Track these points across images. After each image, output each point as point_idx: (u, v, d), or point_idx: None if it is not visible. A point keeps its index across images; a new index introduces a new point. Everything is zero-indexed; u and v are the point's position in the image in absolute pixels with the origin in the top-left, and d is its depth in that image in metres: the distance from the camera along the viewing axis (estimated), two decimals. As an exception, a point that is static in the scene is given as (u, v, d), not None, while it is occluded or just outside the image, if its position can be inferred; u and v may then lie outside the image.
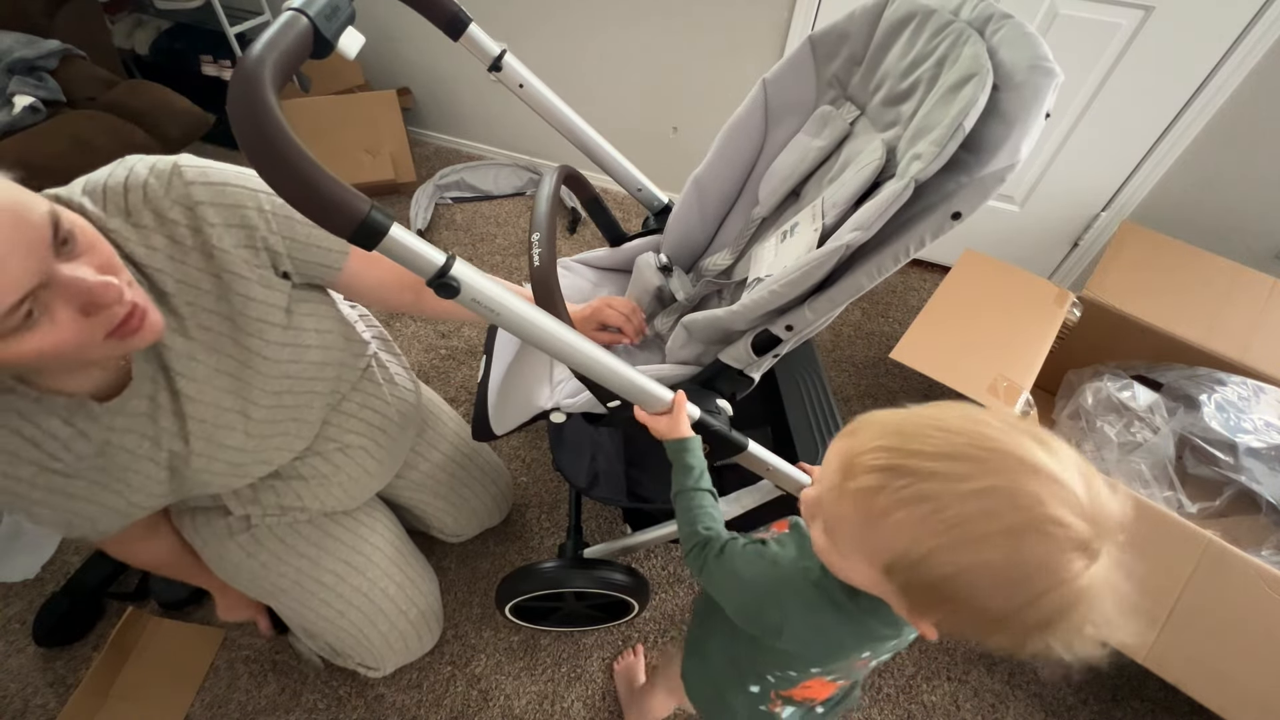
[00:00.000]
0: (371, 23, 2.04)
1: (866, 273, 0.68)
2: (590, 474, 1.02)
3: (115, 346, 0.56)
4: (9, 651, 1.18)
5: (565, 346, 0.64)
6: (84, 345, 0.52)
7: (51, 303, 0.49)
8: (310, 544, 0.93)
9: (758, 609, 0.61)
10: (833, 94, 0.89)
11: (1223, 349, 1.23)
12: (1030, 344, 1.20)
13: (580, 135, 0.94)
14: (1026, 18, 1.38)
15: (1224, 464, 1.12)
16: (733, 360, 0.79)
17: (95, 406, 0.63)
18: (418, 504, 1.13)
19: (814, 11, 1.56)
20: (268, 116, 0.41)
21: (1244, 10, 1.25)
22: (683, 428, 0.73)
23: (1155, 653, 0.94)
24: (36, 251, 0.47)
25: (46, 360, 0.52)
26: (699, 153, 0.97)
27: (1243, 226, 1.50)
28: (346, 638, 0.98)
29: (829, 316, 0.74)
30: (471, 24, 0.79)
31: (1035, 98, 0.60)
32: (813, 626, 0.58)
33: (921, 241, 0.66)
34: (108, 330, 0.53)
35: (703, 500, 0.70)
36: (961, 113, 0.60)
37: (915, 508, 0.42)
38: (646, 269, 0.99)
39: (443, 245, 1.96)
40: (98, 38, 1.91)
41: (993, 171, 0.61)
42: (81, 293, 0.50)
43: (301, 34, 0.48)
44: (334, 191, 0.43)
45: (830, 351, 1.71)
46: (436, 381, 1.62)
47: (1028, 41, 0.62)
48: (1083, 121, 1.50)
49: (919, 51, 0.74)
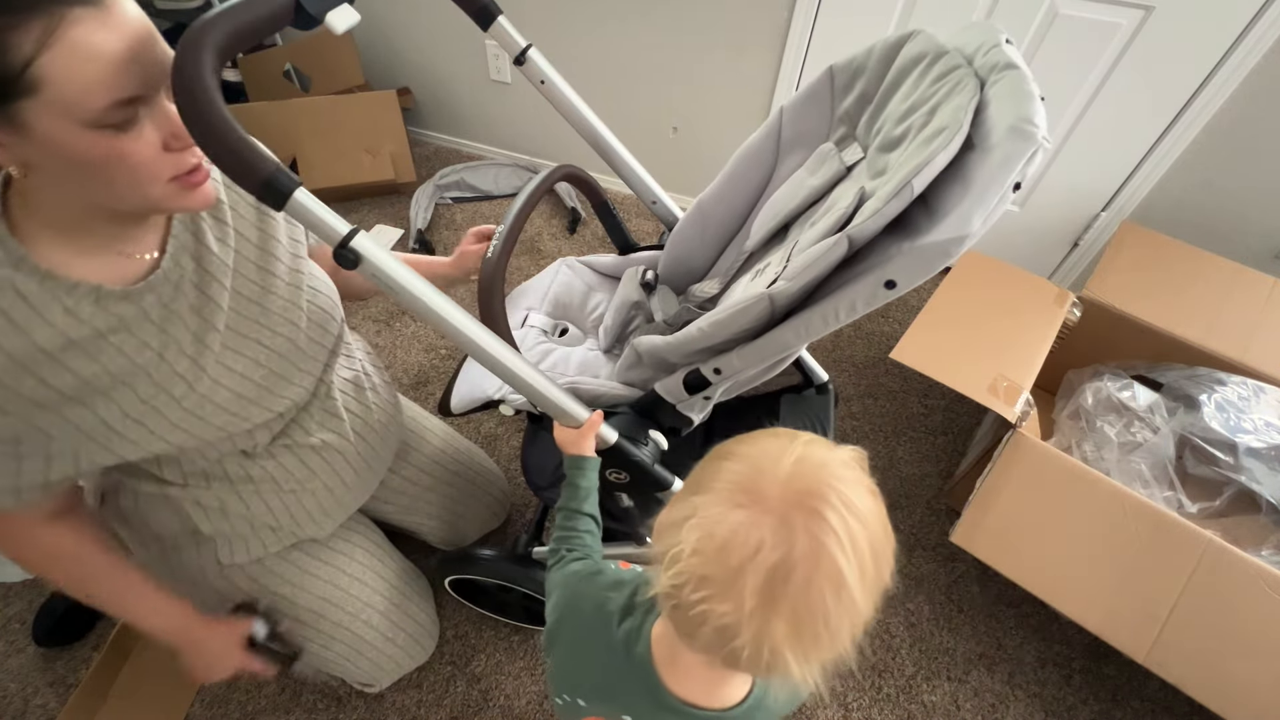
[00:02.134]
0: (372, 23, 2.04)
1: (794, 330, 0.64)
2: (553, 477, 0.97)
3: (174, 194, 0.58)
4: (9, 651, 1.18)
5: (465, 337, 0.65)
6: (154, 176, 0.56)
7: (147, 123, 0.54)
8: (284, 581, 0.89)
9: (552, 608, 0.62)
10: (842, 131, 0.84)
11: (1223, 349, 1.23)
12: (1030, 344, 1.20)
13: (598, 138, 0.92)
14: (1026, 18, 1.40)
15: (1224, 464, 1.12)
16: (665, 392, 0.76)
17: (106, 290, 0.60)
18: (411, 525, 1.12)
19: (814, 11, 1.56)
20: (199, 81, 0.47)
21: (1244, 10, 1.25)
22: (586, 447, 0.73)
23: (1155, 653, 0.94)
24: (162, 67, 0.53)
25: (121, 176, 0.54)
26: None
27: (1243, 226, 1.50)
28: (334, 666, 0.97)
29: (761, 368, 0.71)
30: (500, 16, 0.78)
31: (1004, 165, 0.52)
32: (574, 641, 0.60)
33: (853, 308, 0.60)
34: (175, 173, 0.57)
35: (577, 523, 0.70)
36: (914, 170, 0.54)
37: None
38: (629, 282, 0.98)
39: (443, 245, 1.97)
40: (98, 38, 1.91)
41: (936, 241, 0.54)
42: (173, 123, 0.54)
43: (278, 2, 0.53)
44: (244, 152, 0.49)
45: (830, 351, 1.71)
46: (437, 382, 1.62)
47: (1018, 100, 0.55)
48: (1083, 121, 1.50)
49: (919, 96, 0.67)
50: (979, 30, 0.67)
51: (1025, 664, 1.21)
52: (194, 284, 0.66)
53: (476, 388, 0.92)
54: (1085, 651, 1.22)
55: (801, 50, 1.64)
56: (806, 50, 1.64)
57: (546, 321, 1.03)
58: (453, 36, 1.99)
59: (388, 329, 1.74)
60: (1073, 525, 1.02)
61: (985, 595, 1.27)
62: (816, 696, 1.16)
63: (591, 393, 0.85)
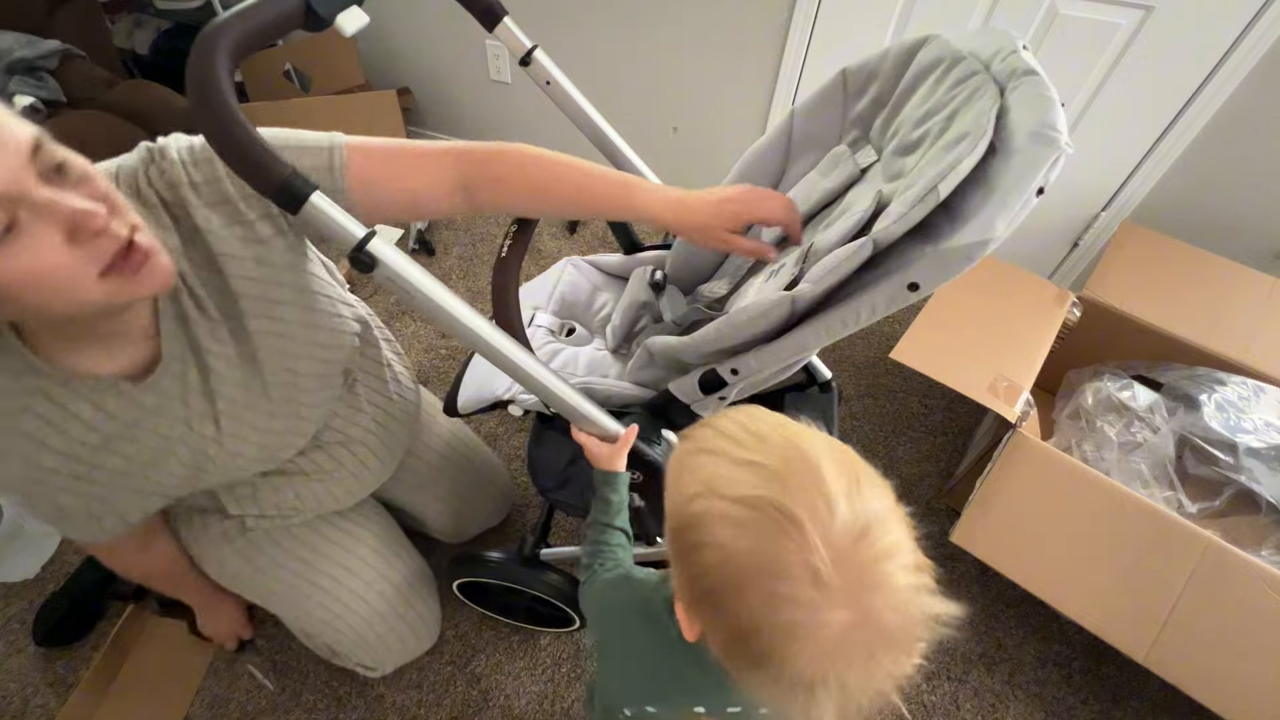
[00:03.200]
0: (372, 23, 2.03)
1: (814, 332, 0.64)
2: (561, 478, 0.97)
3: (118, 289, 0.52)
4: (9, 651, 1.18)
5: (484, 342, 0.63)
6: (75, 280, 0.50)
7: (33, 224, 0.47)
8: (306, 547, 0.92)
9: (592, 626, 0.62)
10: (855, 134, 0.83)
11: (1223, 349, 1.23)
12: (1030, 344, 1.20)
13: (604, 139, 0.92)
14: (1026, 18, 1.40)
15: (1224, 464, 1.11)
16: (680, 393, 0.76)
17: (125, 384, 0.62)
18: (415, 505, 1.13)
19: (814, 12, 1.56)
20: (214, 84, 0.46)
21: (1244, 10, 1.25)
22: (620, 463, 0.72)
23: (1155, 653, 0.94)
24: (6, 160, 0.45)
25: (39, 293, 0.49)
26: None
27: (1243, 226, 1.50)
28: (344, 639, 0.98)
29: (777, 369, 0.70)
30: (506, 16, 0.78)
31: (1028, 170, 0.52)
32: (626, 650, 0.59)
33: (874, 310, 0.60)
34: (101, 266, 0.50)
35: (610, 537, 0.70)
36: (939, 175, 0.55)
37: (694, 465, 0.44)
38: (637, 282, 0.98)
39: (444, 245, 1.97)
40: (98, 38, 1.91)
41: (959, 245, 0.54)
42: (60, 214, 0.47)
43: (289, 4, 0.52)
44: (261, 156, 0.48)
45: (830, 351, 1.71)
46: (436, 382, 1.62)
47: (1040, 104, 0.55)
48: (1083, 121, 1.50)
49: (936, 101, 0.67)
50: (994, 35, 0.67)
51: (1025, 664, 1.21)
52: (194, 364, 0.67)
53: (485, 388, 0.92)
54: (1085, 651, 1.22)
55: (802, 50, 1.64)
56: (806, 50, 1.64)
57: (554, 321, 1.03)
58: (453, 36, 1.99)
59: (388, 329, 1.74)
60: (1073, 525, 1.02)
61: (985, 595, 1.27)
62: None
63: (603, 393, 0.85)
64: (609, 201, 0.73)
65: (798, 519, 0.38)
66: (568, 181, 0.72)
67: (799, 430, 0.44)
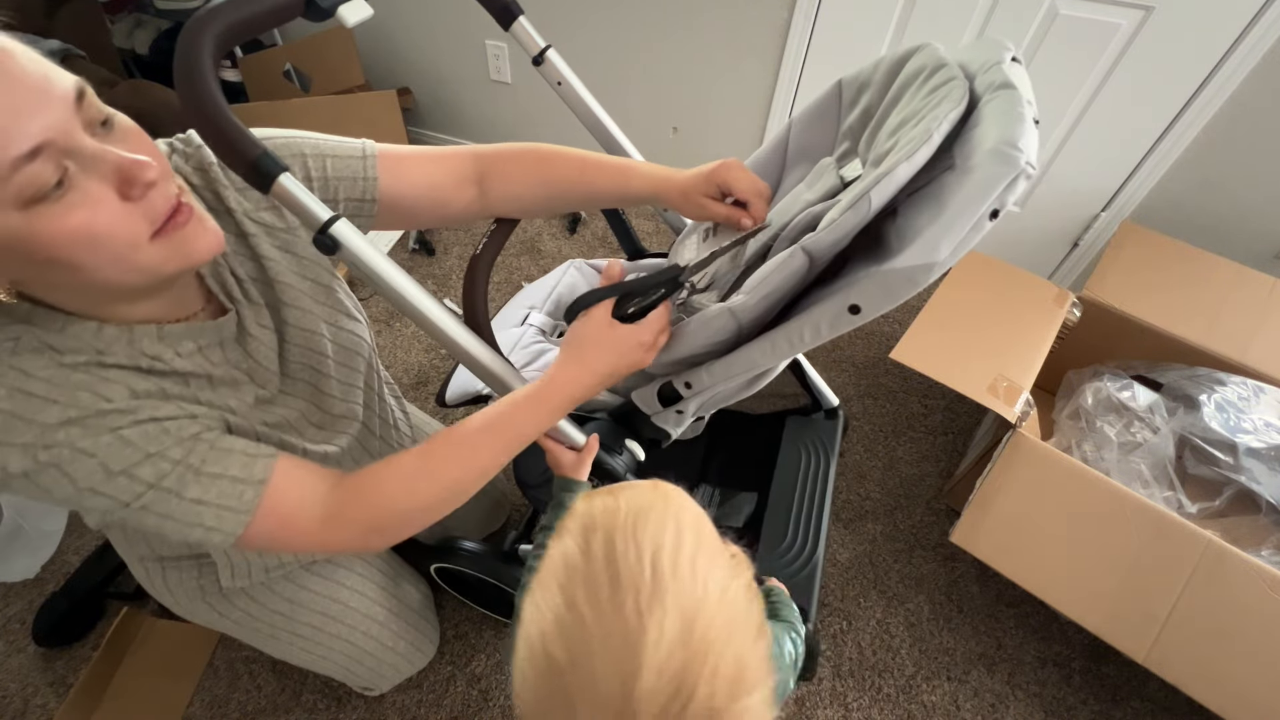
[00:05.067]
0: (372, 23, 2.03)
1: (761, 349, 0.62)
2: (543, 476, 0.95)
3: (171, 253, 0.50)
4: (9, 651, 1.18)
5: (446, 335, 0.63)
6: (131, 238, 0.48)
7: (83, 178, 0.45)
8: (283, 599, 0.87)
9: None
10: (845, 146, 0.81)
11: (1223, 349, 1.23)
12: (1030, 344, 1.20)
13: (612, 143, 0.91)
14: (1026, 18, 1.41)
15: (1224, 464, 1.12)
16: (641, 402, 0.76)
17: (209, 324, 0.60)
18: None
19: (814, 12, 1.56)
20: (196, 65, 0.48)
21: (1244, 10, 1.25)
22: (584, 471, 0.71)
23: (1155, 653, 0.94)
24: (53, 106, 0.44)
25: (94, 253, 0.46)
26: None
27: (1243, 226, 1.50)
28: (334, 675, 0.98)
29: (733, 386, 0.70)
30: (521, 15, 0.77)
31: (981, 189, 0.49)
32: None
33: (817, 330, 0.58)
34: (155, 224, 0.49)
35: None
36: (872, 182, 0.51)
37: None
38: None
39: (441, 245, 1.97)
40: (98, 38, 1.91)
41: (901, 267, 0.51)
42: (110, 164, 0.46)
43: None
44: (235, 136, 0.50)
45: (830, 351, 1.71)
46: (436, 381, 1.62)
47: (1006, 121, 0.51)
48: (1083, 121, 1.50)
49: (910, 110, 0.64)
50: (986, 46, 0.65)
51: (1025, 664, 1.21)
52: (269, 321, 0.66)
53: (469, 381, 0.93)
54: (1085, 651, 1.22)
55: (801, 51, 1.64)
56: (806, 51, 1.64)
57: (546, 321, 1.03)
58: (453, 36, 2.00)
59: (388, 329, 1.74)
60: (1073, 525, 1.02)
61: (985, 595, 1.27)
62: (816, 695, 1.16)
63: None
64: (611, 183, 0.77)
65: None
66: (572, 163, 0.76)
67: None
